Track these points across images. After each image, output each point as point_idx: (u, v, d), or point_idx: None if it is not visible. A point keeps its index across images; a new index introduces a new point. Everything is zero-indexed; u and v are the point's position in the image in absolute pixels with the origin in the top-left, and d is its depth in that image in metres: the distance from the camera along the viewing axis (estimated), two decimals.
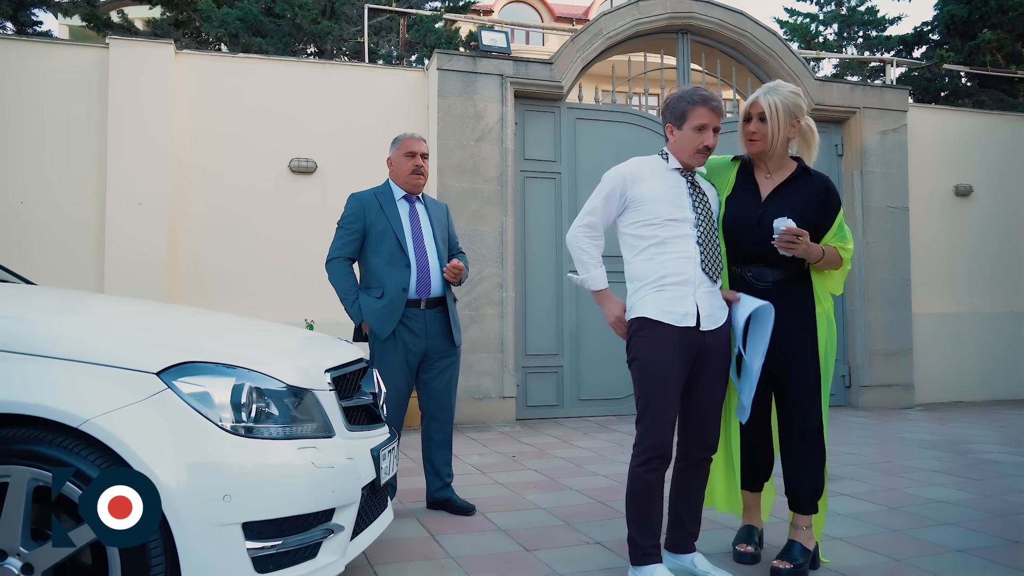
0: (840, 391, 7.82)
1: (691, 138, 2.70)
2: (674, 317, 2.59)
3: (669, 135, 2.78)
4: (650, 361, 2.60)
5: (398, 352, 3.58)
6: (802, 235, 2.66)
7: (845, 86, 7.98)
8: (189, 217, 6.48)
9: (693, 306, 2.61)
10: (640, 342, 2.63)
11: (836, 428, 6.35)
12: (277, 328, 2.79)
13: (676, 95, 2.78)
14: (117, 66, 6.25)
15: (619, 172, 2.76)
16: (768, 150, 2.82)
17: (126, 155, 6.21)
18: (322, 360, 2.35)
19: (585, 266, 2.76)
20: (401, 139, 3.79)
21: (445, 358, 3.68)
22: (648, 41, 7.56)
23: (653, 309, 2.61)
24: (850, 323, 7.82)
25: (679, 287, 2.62)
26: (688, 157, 2.73)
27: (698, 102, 2.70)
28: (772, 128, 2.79)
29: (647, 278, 2.66)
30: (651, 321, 2.61)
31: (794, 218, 2.74)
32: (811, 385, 2.77)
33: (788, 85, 2.89)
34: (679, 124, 2.74)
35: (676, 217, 2.67)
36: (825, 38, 10.83)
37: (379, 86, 7.01)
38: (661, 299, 2.61)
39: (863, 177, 7.84)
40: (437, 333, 3.64)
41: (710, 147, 2.72)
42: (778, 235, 2.68)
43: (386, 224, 3.65)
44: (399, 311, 3.56)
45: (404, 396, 3.63)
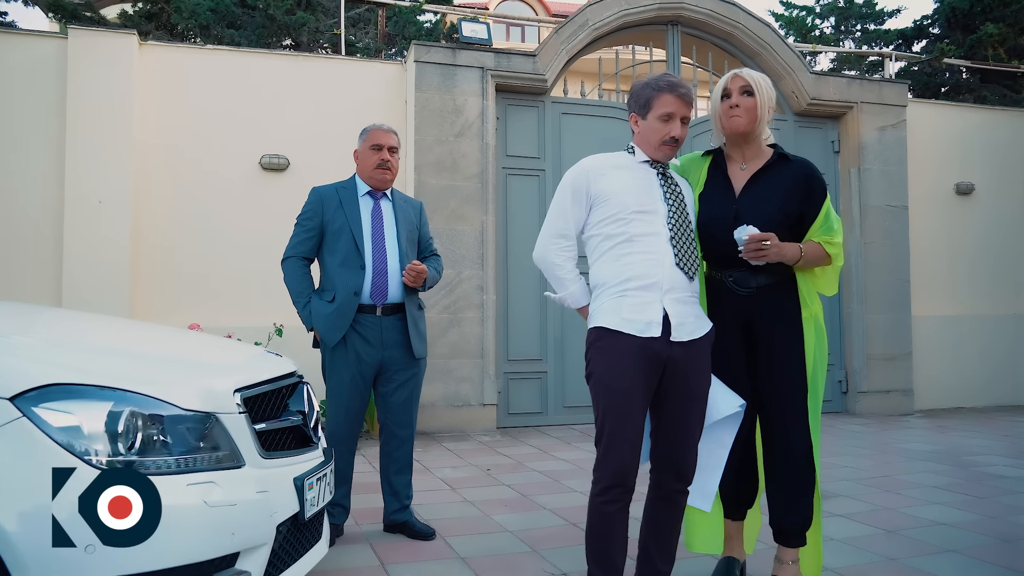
0: (837, 397, 7.51)
1: (656, 128, 2.42)
2: (636, 326, 2.29)
3: (634, 126, 2.50)
4: (607, 376, 2.30)
5: (349, 362, 3.28)
6: (768, 238, 2.36)
7: (842, 80, 7.69)
8: (153, 216, 6.17)
9: (659, 313, 2.30)
10: (597, 355, 2.33)
11: (832, 437, 6.06)
12: (197, 339, 2.49)
13: (641, 82, 2.50)
14: (77, 57, 5.94)
15: (580, 167, 2.47)
16: (752, 128, 2.52)
17: (86, 151, 5.91)
18: (235, 378, 2.05)
19: (561, 282, 2.47)
20: (368, 131, 3.49)
21: (404, 370, 3.37)
22: (636, 33, 7.26)
23: (612, 317, 2.32)
24: (847, 326, 7.52)
25: (643, 292, 2.31)
26: (654, 149, 2.44)
27: (664, 88, 2.41)
28: (760, 101, 2.49)
29: (610, 282, 2.36)
30: (609, 331, 2.31)
31: (773, 211, 2.45)
32: (797, 404, 2.46)
33: (764, 76, 2.61)
34: (643, 113, 2.45)
35: (645, 209, 2.38)
36: (822, 31, 10.52)
37: (355, 79, 6.71)
38: (622, 306, 2.31)
39: (861, 175, 7.54)
40: (395, 343, 3.33)
41: (677, 138, 2.42)
42: (743, 247, 2.38)
43: (343, 221, 3.35)
44: (348, 317, 3.26)
45: (357, 410, 3.32)
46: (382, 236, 3.39)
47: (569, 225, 2.45)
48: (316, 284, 3.41)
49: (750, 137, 2.55)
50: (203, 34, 7.25)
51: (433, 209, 6.41)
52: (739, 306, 2.51)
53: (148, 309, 6.10)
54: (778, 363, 2.48)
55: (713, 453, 2.45)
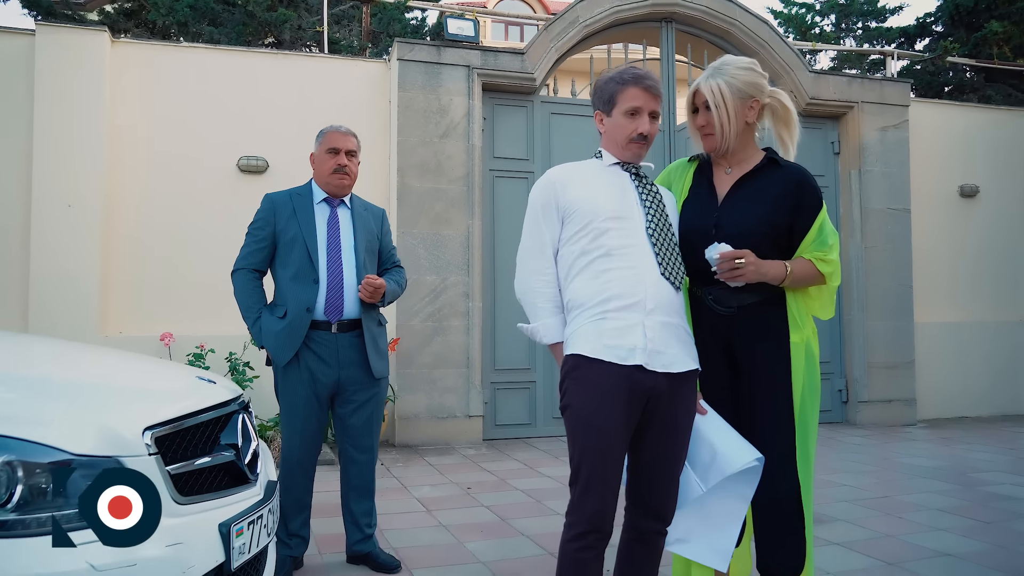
0: (837, 407, 7.27)
1: (622, 125, 2.18)
2: (617, 353, 2.04)
3: (600, 125, 2.26)
4: (585, 412, 2.05)
5: (303, 382, 3.04)
6: (742, 256, 2.11)
7: (842, 79, 7.44)
8: (125, 222, 5.94)
9: (641, 338, 2.05)
10: (574, 386, 2.08)
11: (831, 450, 5.82)
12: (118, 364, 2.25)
13: (604, 77, 2.26)
14: (44, 55, 5.71)
15: (545, 179, 2.23)
16: (722, 145, 2.27)
17: (54, 153, 5.68)
18: (149, 413, 1.81)
19: (536, 311, 2.19)
20: (324, 132, 3.24)
21: (363, 391, 3.12)
22: (629, 30, 7.01)
23: (591, 343, 2.06)
24: (847, 333, 7.27)
25: (625, 313, 2.06)
26: (621, 148, 2.20)
27: (629, 81, 2.18)
28: (720, 117, 2.24)
29: (587, 302, 2.10)
30: (588, 359, 2.06)
31: (756, 222, 2.20)
32: (783, 439, 2.20)
33: (738, 60, 2.33)
34: (608, 110, 2.22)
35: (620, 215, 2.13)
36: (822, 29, 10.25)
37: (338, 78, 6.47)
38: (602, 330, 2.06)
39: (861, 176, 7.30)
40: (352, 362, 3.08)
41: (646, 135, 2.18)
42: (716, 267, 2.14)
43: (297, 231, 3.10)
44: (300, 335, 3.02)
45: (314, 433, 3.08)
46: (338, 247, 3.14)
47: (546, 245, 2.19)
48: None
49: (722, 148, 2.30)
50: (182, 31, 7.02)
51: (417, 213, 6.18)
52: (720, 327, 2.27)
53: (119, 317, 5.88)
54: (760, 392, 2.22)
55: (731, 508, 2.18)
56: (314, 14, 7.52)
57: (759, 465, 2.15)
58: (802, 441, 2.20)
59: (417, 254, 6.12)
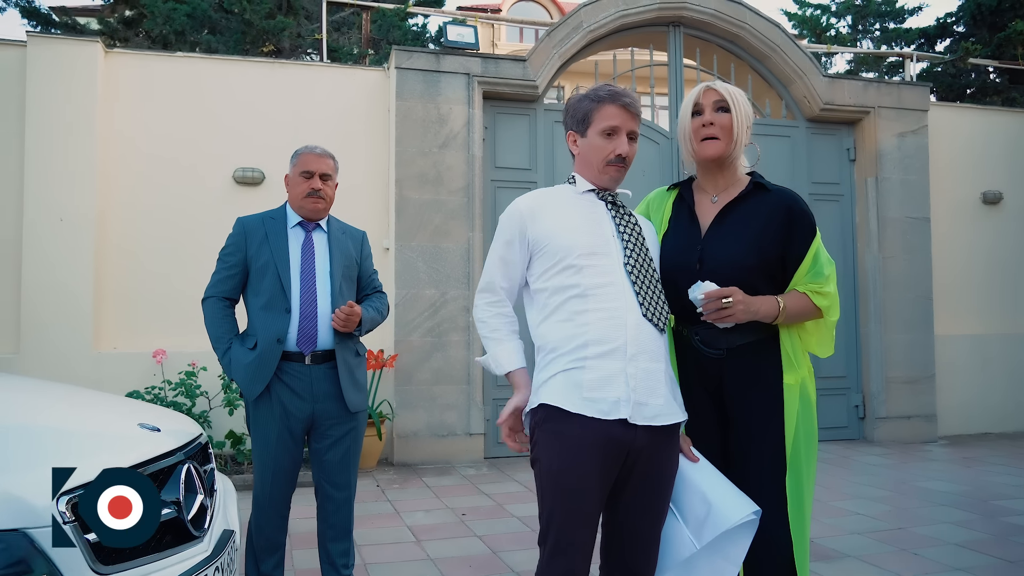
0: (854, 423, 7.01)
1: (598, 146, 2.00)
2: (599, 408, 1.84)
3: (573, 147, 2.07)
4: (556, 469, 1.86)
5: (275, 417, 2.86)
6: (729, 294, 1.91)
7: (858, 83, 7.18)
8: (118, 235, 5.83)
9: (624, 388, 1.86)
10: (546, 440, 1.89)
11: (846, 471, 5.59)
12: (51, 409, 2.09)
13: (577, 95, 2.08)
14: (36, 66, 5.62)
15: (513, 208, 2.04)
16: (730, 152, 2.08)
17: (46, 166, 5.58)
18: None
19: (488, 341, 2.04)
20: (299, 154, 3.06)
21: (339, 425, 2.93)
22: (635, 35, 6.81)
23: (568, 396, 1.86)
24: (864, 347, 7.01)
25: (604, 361, 1.86)
26: (597, 172, 2.02)
27: (605, 98, 2.00)
28: (738, 118, 2.05)
29: (561, 347, 1.91)
30: (562, 412, 1.87)
31: (744, 254, 2.00)
32: (773, 491, 1.99)
33: (740, 91, 2.17)
34: (582, 130, 2.03)
35: (596, 251, 1.95)
36: (838, 31, 9.95)
37: (336, 87, 6.33)
38: (580, 381, 1.86)
39: (878, 184, 7.03)
40: (327, 395, 2.90)
41: (624, 156, 2.00)
42: (701, 308, 1.95)
43: (268, 258, 2.93)
44: (270, 367, 2.84)
45: (287, 471, 2.90)
46: (312, 274, 2.96)
47: (496, 278, 2.03)
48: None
49: (725, 162, 2.11)
50: (179, 40, 6.90)
51: (416, 225, 6.02)
52: (708, 369, 2.07)
53: (112, 334, 5.77)
54: (750, 441, 2.02)
55: (721, 571, 1.99)
56: (314, 21, 7.39)
57: (756, 519, 1.95)
58: (795, 494, 1.99)
59: (416, 267, 5.96)
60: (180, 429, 2.22)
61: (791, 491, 1.99)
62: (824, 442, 6.75)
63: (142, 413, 2.26)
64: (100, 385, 5.43)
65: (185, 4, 6.67)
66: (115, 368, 5.58)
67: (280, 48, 6.97)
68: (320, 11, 6.37)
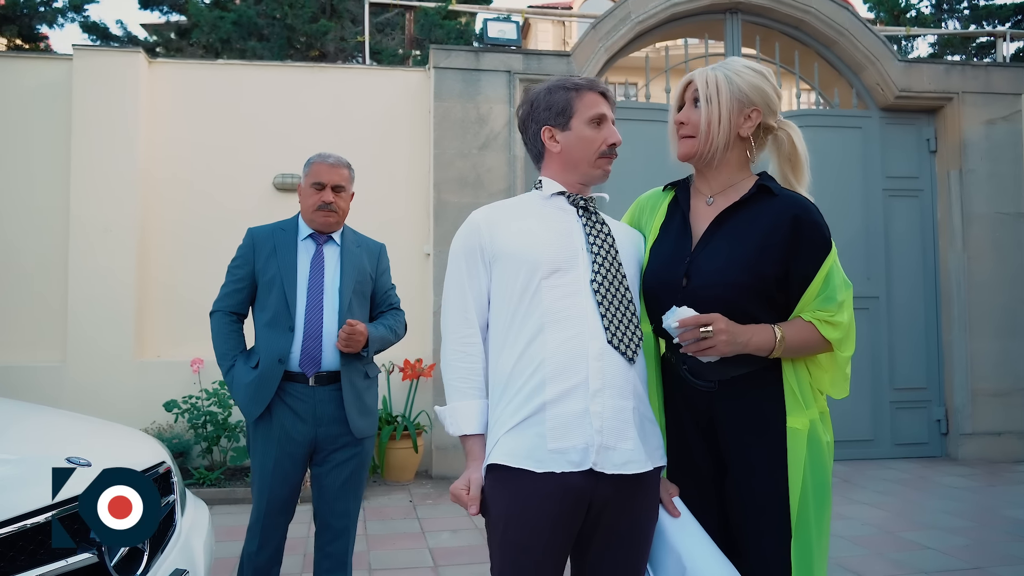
0: (935, 440, 6.41)
1: (588, 137, 1.74)
2: (570, 459, 1.57)
3: (550, 144, 1.79)
4: (509, 526, 1.60)
5: (273, 441, 2.69)
6: (710, 322, 1.59)
7: (939, 67, 6.56)
8: (161, 244, 5.86)
9: (590, 432, 1.57)
10: (495, 490, 1.63)
11: (922, 494, 5.07)
12: None
13: (542, 87, 1.81)
14: (82, 79, 5.69)
15: (470, 222, 1.77)
16: (704, 151, 1.76)
17: (91, 178, 5.65)
18: None
19: (449, 390, 1.73)
20: (311, 163, 2.88)
21: (342, 451, 2.73)
22: (688, 24, 6.42)
23: (520, 449, 1.58)
24: (947, 356, 6.40)
25: (566, 401, 1.59)
26: (587, 168, 1.75)
27: (583, 86, 1.76)
28: (709, 114, 1.73)
29: (514, 385, 1.64)
30: (517, 471, 1.59)
31: (736, 271, 1.67)
32: (776, 562, 1.65)
33: (749, 61, 1.83)
34: (563, 122, 1.76)
35: (560, 266, 1.67)
36: (919, 12, 9.19)
37: (377, 89, 6.19)
38: (543, 431, 1.58)
39: (963, 177, 6.41)
40: (332, 419, 2.70)
41: (617, 144, 1.75)
42: (677, 338, 1.63)
43: (275, 272, 2.77)
44: (271, 389, 2.67)
45: (283, 499, 2.71)
46: (320, 290, 2.77)
47: (469, 306, 1.73)
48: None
49: (712, 162, 1.79)
50: (225, 48, 6.94)
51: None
52: (698, 405, 1.75)
53: (154, 342, 5.80)
54: (747, 496, 1.68)
55: None
56: (359, 24, 7.31)
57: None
58: (802, 565, 1.64)
59: None
60: (128, 459, 2.06)
61: (797, 561, 1.63)
62: (901, 459, 6.20)
63: (89, 441, 2.11)
64: (142, 394, 5.46)
65: (231, 12, 6.70)
66: (157, 377, 5.59)
67: (325, 52, 6.92)
68: (363, 14, 6.26)
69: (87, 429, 2.29)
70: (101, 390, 5.46)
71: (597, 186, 1.84)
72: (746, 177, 1.82)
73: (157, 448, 2.37)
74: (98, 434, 2.27)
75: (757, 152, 1.84)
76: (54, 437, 2.08)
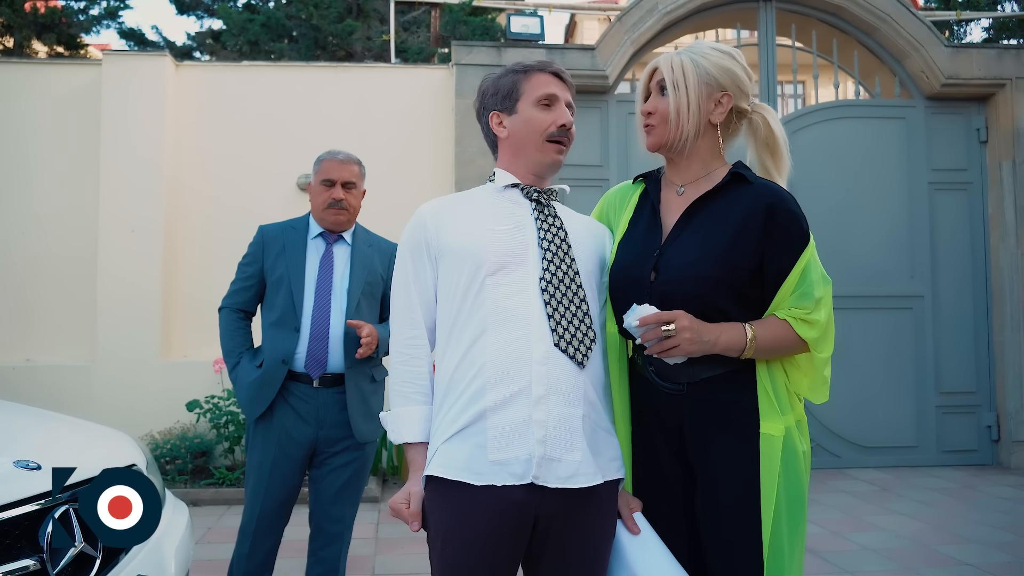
0: (985, 447, 6.05)
1: (536, 119, 1.62)
2: (512, 471, 1.46)
3: (497, 129, 1.69)
4: (444, 538, 1.50)
5: (273, 441, 2.62)
6: (673, 319, 1.47)
7: (989, 52, 6.20)
8: (187, 244, 5.92)
9: (532, 443, 1.46)
10: (436, 508, 1.52)
11: (968, 505, 4.79)
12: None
13: (493, 75, 1.72)
14: (110, 83, 5.79)
15: (417, 216, 1.67)
16: (674, 140, 1.63)
17: (118, 179, 5.73)
18: None
19: (394, 395, 1.63)
20: (321, 160, 2.82)
21: (342, 454, 2.67)
22: (719, 14, 6.20)
23: (459, 460, 1.48)
24: (998, 358, 6.04)
25: (509, 408, 1.48)
26: (533, 153, 1.64)
27: (533, 68, 1.67)
28: (678, 102, 1.60)
29: (454, 389, 1.53)
30: (455, 483, 1.49)
31: (706, 263, 1.54)
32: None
33: (716, 44, 1.69)
34: (510, 106, 1.66)
35: (506, 263, 1.55)
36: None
37: (400, 88, 6.15)
38: (480, 437, 1.48)
39: (1016, 168, 6.04)
40: (334, 422, 2.64)
41: (568, 127, 1.63)
42: (639, 338, 1.50)
43: (283, 271, 2.72)
44: (273, 389, 2.62)
45: (278, 502, 2.64)
46: (328, 291, 2.71)
47: (415, 306, 1.62)
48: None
49: (674, 149, 1.66)
50: (254, 50, 6.99)
51: None
52: (665, 409, 1.61)
53: (182, 343, 5.86)
54: (715, 509, 1.54)
55: None
56: (385, 24, 7.29)
57: None
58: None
59: None
60: (90, 461, 2.01)
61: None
62: (947, 467, 5.88)
63: (46, 441, 2.08)
64: (168, 394, 5.52)
65: (259, 14, 6.75)
66: (182, 377, 5.64)
67: (352, 52, 6.91)
68: (389, 12, 6.23)
69: (52, 429, 2.26)
70: (128, 390, 5.53)
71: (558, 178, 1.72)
72: (720, 166, 1.68)
73: (130, 450, 2.33)
74: (64, 435, 2.24)
75: (731, 138, 1.71)
76: (8, 437, 2.05)
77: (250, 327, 2.82)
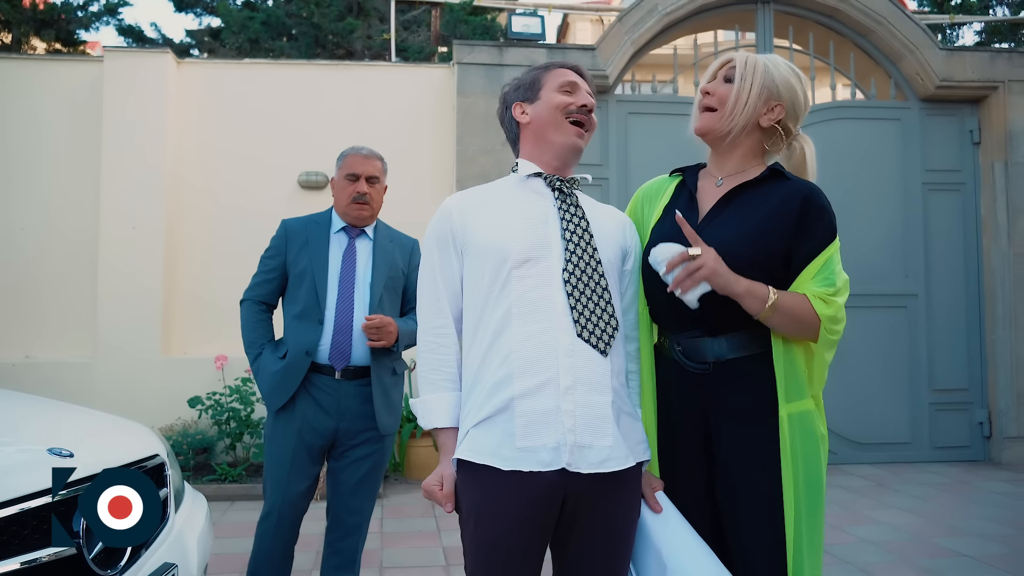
0: (977, 443, 6.15)
1: (557, 101, 1.68)
2: (539, 458, 1.50)
3: (520, 119, 1.73)
4: (482, 526, 1.54)
5: (293, 433, 2.65)
6: (696, 255, 1.54)
7: (983, 55, 6.30)
8: (187, 240, 5.93)
9: (562, 431, 1.50)
10: (467, 489, 1.57)
11: (961, 499, 4.87)
12: None
13: (513, 80, 1.80)
14: (112, 80, 5.79)
15: (443, 208, 1.71)
16: (723, 128, 1.71)
17: (119, 175, 5.74)
18: None
19: (423, 382, 1.68)
20: (344, 156, 2.86)
21: (363, 446, 2.70)
22: (718, 15, 6.27)
23: (487, 445, 1.53)
24: (991, 356, 6.14)
25: (535, 400, 1.52)
26: (556, 131, 1.67)
27: (554, 65, 1.74)
28: (739, 91, 1.68)
29: (482, 376, 1.58)
30: (484, 467, 1.53)
31: (741, 243, 1.61)
32: (769, 561, 1.57)
33: (793, 66, 1.78)
34: (532, 95, 1.72)
35: (531, 255, 1.59)
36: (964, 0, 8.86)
37: (401, 86, 6.18)
38: (508, 424, 1.52)
39: (1008, 169, 6.15)
40: (356, 414, 2.67)
41: (589, 107, 1.69)
42: (664, 268, 1.58)
43: (307, 265, 2.75)
44: (295, 380, 2.65)
45: (297, 494, 2.66)
46: (351, 284, 2.75)
47: (441, 297, 1.67)
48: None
49: (725, 136, 1.72)
50: (254, 48, 7.00)
51: None
52: (691, 391, 1.67)
53: (182, 338, 5.87)
54: (736, 490, 1.61)
55: None
56: (386, 22, 7.31)
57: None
58: (797, 563, 1.55)
59: None
60: (115, 451, 2.04)
61: (792, 561, 1.55)
62: (941, 463, 5.97)
63: (76, 431, 2.10)
64: (169, 390, 5.53)
65: (259, 12, 6.76)
66: (183, 373, 5.65)
67: (352, 51, 6.93)
68: (390, 11, 6.25)
69: (78, 419, 2.29)
70: (130, 386, 5.54)
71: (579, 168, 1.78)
72: (758, 165, 1.77)
73: (152, 441, 2.35)
74: (89, 425, 2.27)
75: (771, 152, 1.78)
76: (39, 427, 2.08)
77: (271, 319, 2.85)
